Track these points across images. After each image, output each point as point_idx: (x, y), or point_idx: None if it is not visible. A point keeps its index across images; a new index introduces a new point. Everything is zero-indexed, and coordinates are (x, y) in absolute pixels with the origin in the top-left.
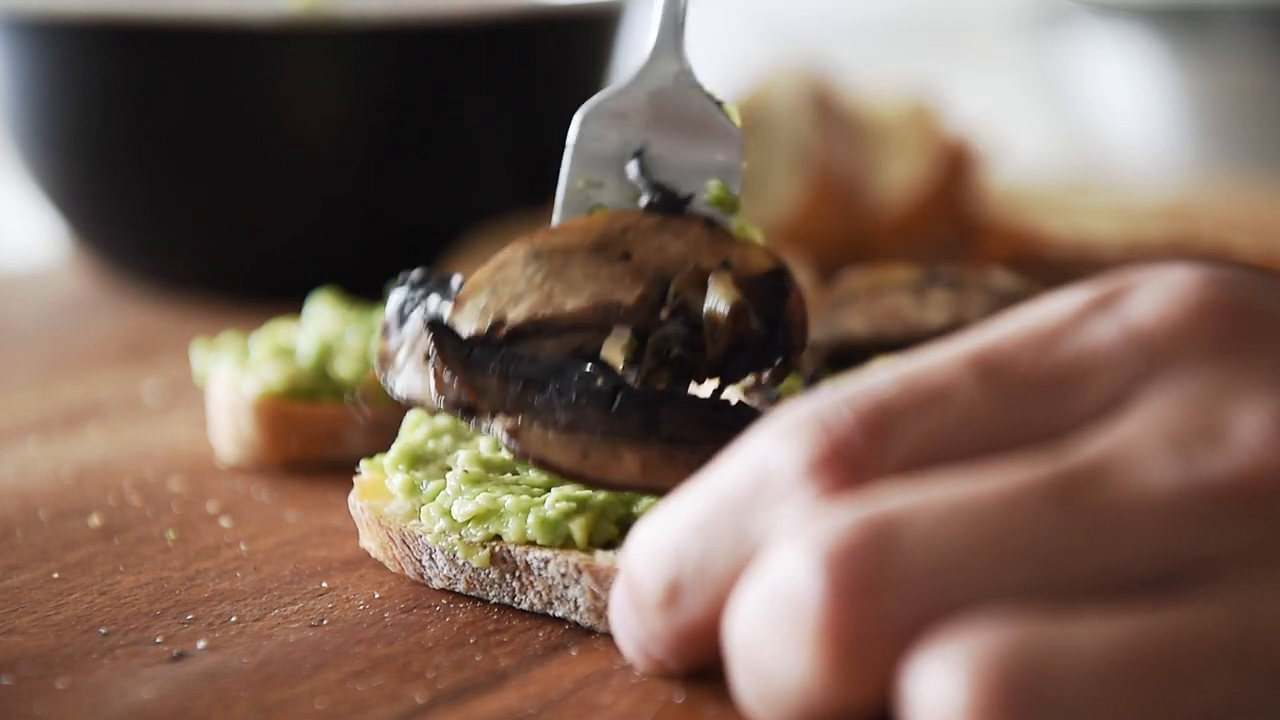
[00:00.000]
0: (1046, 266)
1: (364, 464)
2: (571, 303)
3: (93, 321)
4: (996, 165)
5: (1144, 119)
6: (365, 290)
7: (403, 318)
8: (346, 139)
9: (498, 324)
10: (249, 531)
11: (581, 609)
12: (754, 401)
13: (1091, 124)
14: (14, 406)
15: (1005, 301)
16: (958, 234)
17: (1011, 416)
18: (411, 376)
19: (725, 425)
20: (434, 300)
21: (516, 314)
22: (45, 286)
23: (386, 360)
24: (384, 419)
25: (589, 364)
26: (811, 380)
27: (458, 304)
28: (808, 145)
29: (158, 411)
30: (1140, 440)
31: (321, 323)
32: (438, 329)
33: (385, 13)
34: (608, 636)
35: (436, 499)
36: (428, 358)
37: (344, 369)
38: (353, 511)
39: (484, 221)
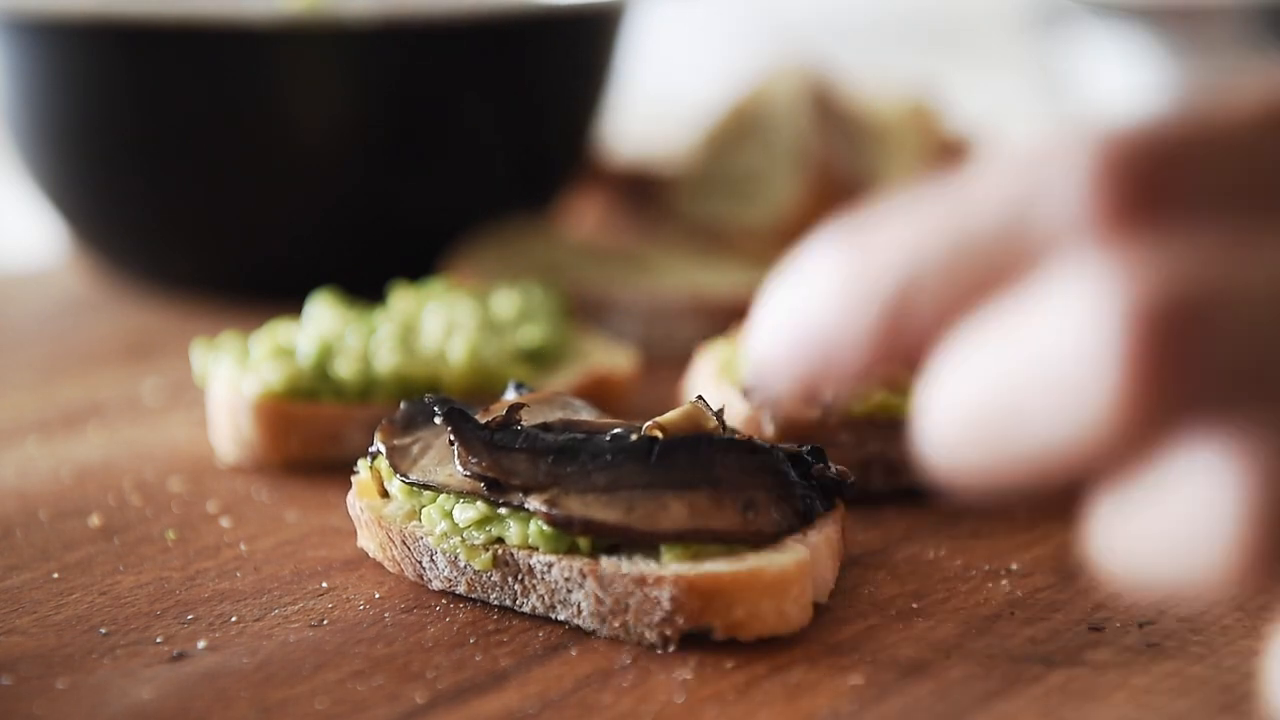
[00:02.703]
0: None
1: (362, 463)
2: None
3: (93, 321)
4: None
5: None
6: (365, 290)
7: (412, 422)
8: (347, 139)
9: (516, 407)
10: (249, 531)
11: (585, 614)
12: (754, 402)
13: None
14: (14, 406)
15: None
16: None
17: None
18: (428, 466)
19: (765, 465)
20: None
21: (541, 416)
22: (45, 286)
23: (397, 452)
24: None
25: (615, 428)
26: None
27: (487, 411)
28: (808, 145)
29: (158, 411)
30: None
31: (321, 323)
32: (455, 417)
33: (385, 13)
34: (608, 638)
35: (437, 501)
36: (451, 443)
37: (344, 369)
38: (351, 511)
39: (484, 222)
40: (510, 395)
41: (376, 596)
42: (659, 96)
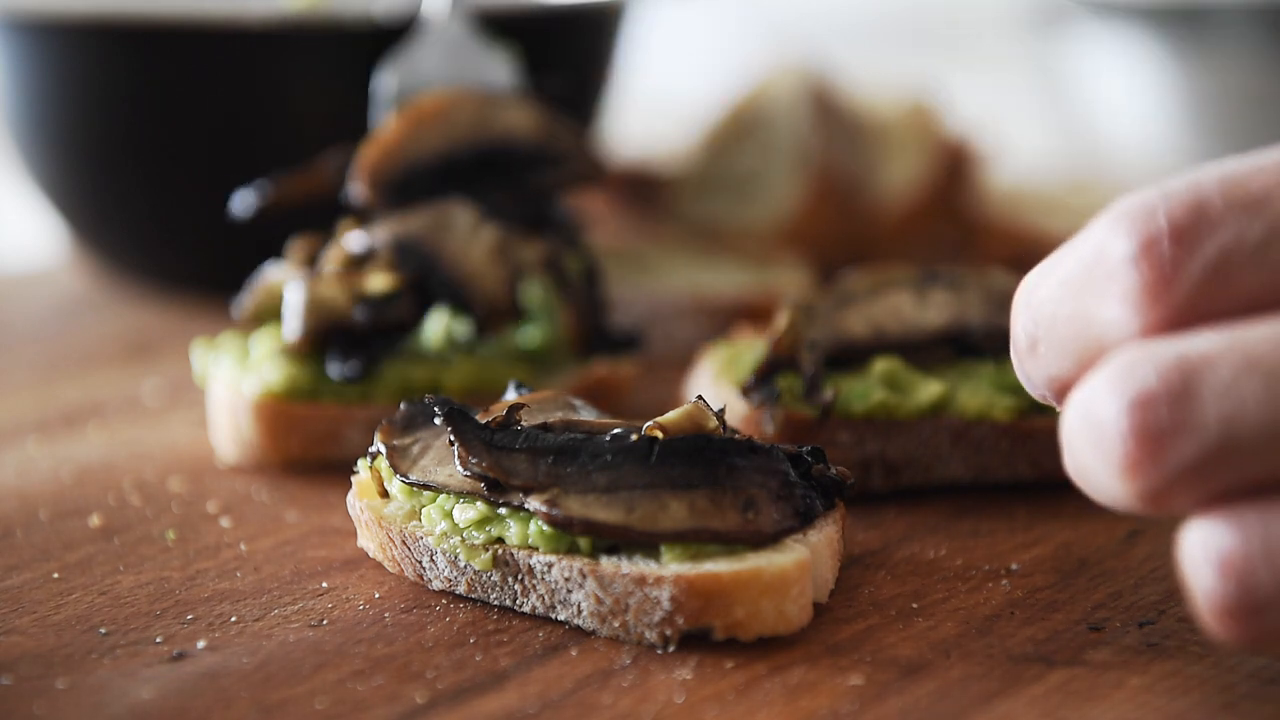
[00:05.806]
0: None
1: (362, 463)
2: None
3: (93, 321)
4: (996, 165)
5: (1144, 119)
6: None
7: (412, 422)
8: (346, 139)
9: (516, 408)
10: (249, 531)
11: (584, 613)
12: (754, 401)
13: (1092, 124)
14: (14, 406)
15: (1005, 302)
16: (958, 234)
17: None
18: (428, 466)
19: (765, 465)
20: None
21: (541, 416)
22: (45, 286)
23: (397, 452)
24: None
25: (615, 428)
26: (811, 380)
27: (487, 411)
28: (808, 145)
29: (158, 411)
30: None
31: None
32: (455, 417)
33: (385, 13)
34: (608, 637)
35: (437, 501)
36: (451, 443)
37: None
38: (351, 511)
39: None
40: (510, 395)
41: (376, 596)
42: (659, 96)
